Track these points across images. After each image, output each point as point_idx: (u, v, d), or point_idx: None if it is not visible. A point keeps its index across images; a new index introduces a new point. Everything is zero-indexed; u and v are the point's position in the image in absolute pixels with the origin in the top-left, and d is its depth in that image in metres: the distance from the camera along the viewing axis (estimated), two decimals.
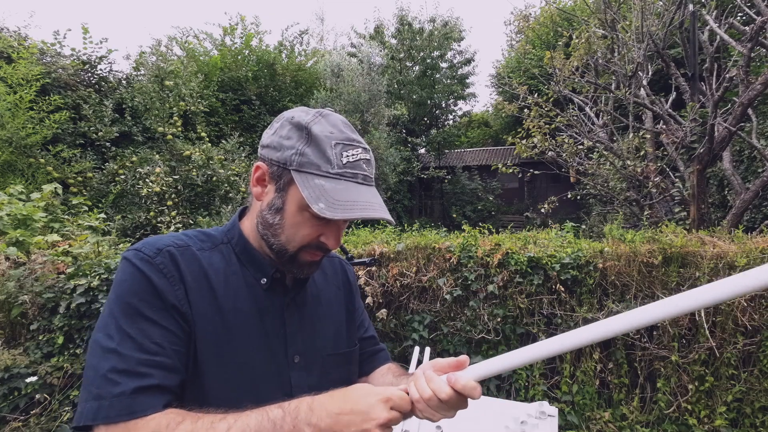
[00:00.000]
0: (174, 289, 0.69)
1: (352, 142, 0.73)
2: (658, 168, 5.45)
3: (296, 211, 0.73)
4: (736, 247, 2.56)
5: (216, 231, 0.84)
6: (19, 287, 2.93)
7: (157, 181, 5.85)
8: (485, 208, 15.65)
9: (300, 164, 0.70)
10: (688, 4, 4.70)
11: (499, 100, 7.59)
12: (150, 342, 0.65)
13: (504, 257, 2.84)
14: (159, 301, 0.68)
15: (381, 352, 1.04)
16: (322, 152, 0.70)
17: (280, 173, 0.73)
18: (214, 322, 0.72)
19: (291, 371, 0.79)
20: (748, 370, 2.49)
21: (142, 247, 0.72)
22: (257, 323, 0.77)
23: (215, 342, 0.72)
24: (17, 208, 3.69)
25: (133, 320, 0.65)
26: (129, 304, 0.67)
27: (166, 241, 0.75)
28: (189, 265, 0.73)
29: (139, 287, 0.68)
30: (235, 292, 0.76)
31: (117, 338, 0.64)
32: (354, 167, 0.71)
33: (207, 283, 0.74)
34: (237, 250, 0.80)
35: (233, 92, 10.62)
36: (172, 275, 0.70)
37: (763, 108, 7.40)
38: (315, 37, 19.65)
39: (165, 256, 0.72)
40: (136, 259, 0.70)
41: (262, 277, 0.79)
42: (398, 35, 15.29)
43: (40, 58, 7.75)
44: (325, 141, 0.70)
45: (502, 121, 19.71)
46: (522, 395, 2.78)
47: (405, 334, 2.95)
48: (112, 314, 0.67)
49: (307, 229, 0.74)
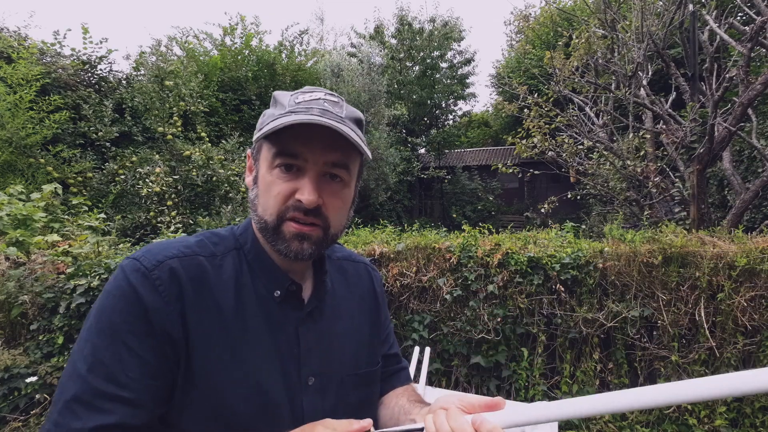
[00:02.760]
0: (168, 310, 0.62)
1: (313, 90, 0.68)
2: (658, 168, 5.45)
3: (266, 171, 0.68)
4: (736, 247, 2.56)
5: (229, 232, 0.77)
6: (19, 287, 2.93)
7: (157, 181, 5.85)
8: (485, 208, 15.65)
9: (260, 127, 0.67)
10: (688, 4, 4.70)
11: (499, 100, 7.60)
12: (122, 373, 0.59)
13: (504, 257, 2.84)
14: (145, 324, 0.61)
15: (402, 371, 0.95)
16: (280, 105, 0.68)
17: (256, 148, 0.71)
18: (219, 343, 0.66)
19: (304, 395, 0.71)
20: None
21: (142, 257, 0.65)
22: (268, 342, 0.69)
23: (220, 365, 0.65)
24: (17, 208, 3.69)
25: (110, 343, 0.59)
26: (110, 324, 0.60)
27: (171, 250, 0.68)
28: (194, 279, 0.66)
29: (125, 305, 0.61)
30: (245, 306, 0.69)
31: (89, 362, 0.58)
32: (310, 104, 0.66)
33: (214, 298, 0.67)
34: (249, 257, 0.73)
35: (233, 92, 10.61)
36: (168, 293, 0.63)
37: (763, 108, 7.40)
38: (315, 37, 19.64)
39: (165, 270, 0.64)
40: (131, 271, 0.63)
41: (276, 289, 0.71)
42: (398, 35, 15.29)
43: (40, 58, 7.74)
44: (284, 96, 0.69)
45: (502, 121, 19.71)
46: (522, 395, 2.78)
47: (405, 334, 2.95)
48: (90, 330, 0.61)
49: (277, 187, 0.66)
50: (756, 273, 2.46)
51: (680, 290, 2.59)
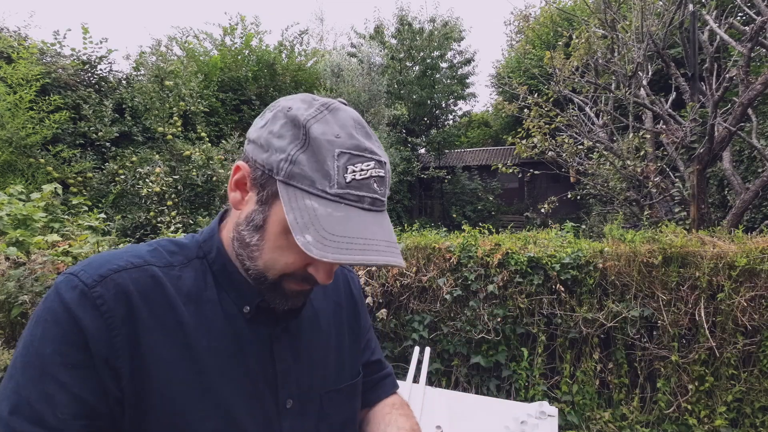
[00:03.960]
0: (111, 335, 0.53)
1: (362, 152, 0.54)
2: (658, 168, 5.45)
3: (280, 232, 0.56)
4: (736, 247, 2.56)
5: (190, 240, 0.67)
6: (19, 287, 2.93)
7: (157, 181, 5.86)
8: (485, 208, 15.66)
9: (289, 175, 0.53)
10: (688, 4, 4.70)
11: (499, 100, 7.60)
12: (52, 414, 0.50)
13: (504, 257, 2.84)
14: (81, 353, 0.51)
15: (387, 378, 0.89)
16: (321, 163, 0.52)
17: (265, 181, 0.56)
18: (181, 368, 0.56)
19: (283, 420, 0.64)
20: (748, 370, 2.49)
21: (81, 271, 0.55)
22: (239, 364, 0.61)
23: (184, 395, 0.56)
24: (17, 208, 3.69)
25: (39, 381, 0.50)
26: (38, 356, 0.51)
27: (117, 262, 0.57)
28: (146, 294, 0.56)
29: (57, 333, 0.51)
30: (211, 324, 0.60)
31: (12, 402, 0.50)
32: (360, 187, 0.53)
33: (173, 316, 0.57)
34: (214, 268, 0.63)
35: (233, 92, 10.62)
36: (112, 314, 0.53)
37: (763, 108, 7.40)
38: (315, 37, 19.68)
39: (108, 286, 0.54)
40: (66, 289, 0.53)
41: (245, 305, 0.62)
42: (398, 35, 15.29)
43: (40, 58, 7.74)
44: (326, 148, 0.53)
45: (502, 121, 19.73)
46: (522, 395, 2.78)
47: (405, 334, 2.96)
48: (15, 364, 0.52)
49: (291, 257, 0.57)
50: (756, 273, 2.46)
51: (680, 290, 2.59)
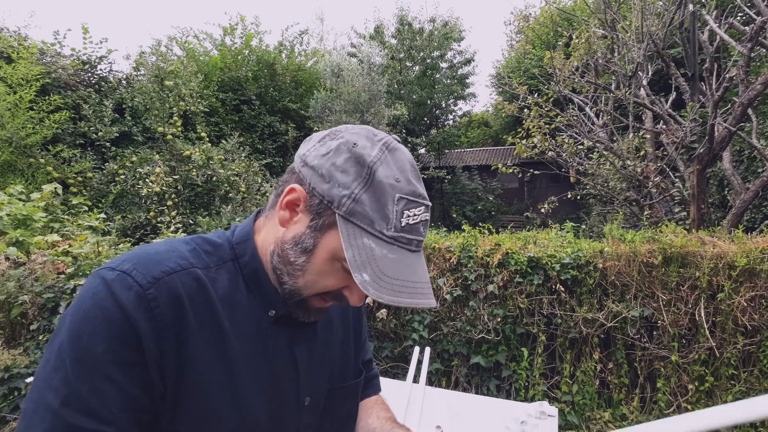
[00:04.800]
0: (161, 336, 0.54)
1: (417, 197, 0.58)
2: (658, 168, 5.45)
3: (327, 259, 0.59)
4: (736, 247, 2.56)
5: (223, 239, 0.68)
6: (19, 287, 2.93)
7: (157, 181, 5.85)
8: (485, 208, 15.66)
9: (351, 212, 0.56)
10: (688, 4, 4.70)
11: (499, 100, 7.59)
12: (104, 408, 0.50)
13: (504, 257, 2.84)
14: (134, 353, 0.52)
15: (374, 379, 0.94)
16: (382, 205, 0.56)
17: (322, 210, 0.58)
18: (215, 368, 0.59)
19: (302, 415, 0.70)
20: (748, 370, 2.49)
21: (133, 270, 0.55)
22: (265, 364, 0.64)
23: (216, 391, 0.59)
24: (17, 208, 3.69)
25: (90, 376, 0.50)
26: (89, 352, 0.50)
27: (168, 263, 0.58)
28: (192, 298, 0.58)
29: (110, 332, 0.51)
30: (243, 326, 0.63)
31: (62, 394, 0.50)
32: (411, 230, 0.58)
33: (213, 318, 0.60)
34: (245, 272, 0.65)
35: (233, 92, 10.62)
36: (163, 317, 0.54)
37: (763, 108, 7.40)
38: (315, 37, 19.67)
39: (161, 288, 0.55)
40: (121, 289, 0.53)
41: (270, 309, 0.66)
42: (398, 35, 15.29)
43: (40, 58, 7.75)
44: (388, 191, 0.56)
45: (502, 121, 19.73)
46: (522, 395, 2.78)
47: (405, 334, 2.95)
48: (61, 355, 0.51)
49: (332, 281, 0.62)
50: (756, 273, 2.46)
51: (680, 290, 2.59)
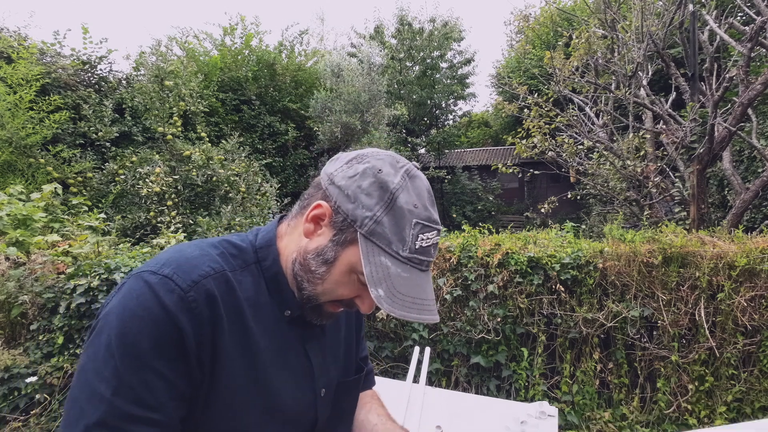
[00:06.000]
0: (200, 333, 0.60)
1: (431, 223, 0.65)
2: (658, 168, 5.45)
3: (345, 271, 0.66)
4: (736, 247, 2.56)
5: (246, 243, 0.73)
6: (19, 287, 2.93)
7: (157, 181, 5.85)
8: (485, 208, 15.66)
9: (371, 232, 0.62)
10: (688, 4, 4.70)
11: (499, 100, 7.60)
12: (151, 396, 0.56)
13: (504, 257, 2.84)
14: (178, 349, 0.58)
15: (370, 375, 0.99)
16: (400, 229, 0.62)
17: (345, 227, 0.65)
18: (242, 364, 0.65)
19: (319, 407, 0.76)
20: (748, 370, 2.49)
21: (174, 274, 0.61)
22: (283, 360, 0.71)
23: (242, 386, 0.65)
24: (17, 208, 3.69)
25: (138, 369, 0.56)
26: (137, 348, 0.56)
27: (203, 267, 0.64)
28: (224, 299, 0.64)
29: (156, 330, 0.57)
30: (265, 326, 0.69)
31: (113, 385, 0.55)
32: (424, 252, 0.64)
33: (241, 318, 0.66)
34: (266, 275, 0.71)
35: (233, 92, 10.62)
36: (202, 316, 0.60)
37: (763, 108, 7.40)
38: (315, 37, 19.64)
39: (200, 291, 0.61)
40: (165, 292, 0.59)
41: (286, 309, 0.72)
42: (398, 35, 15.30)
43: (40, 58, 7.74)
44: (406, 216, 0.63)
45: (502, 121, 19.73)
46: (522, 395, 2.78)
47: (405, 334, 2.95)
48: (110, 350, 0.56)
49: (347, 290, 0.68)
50: (756, 273, 2.46)
51: (680, 290, 2.59)
